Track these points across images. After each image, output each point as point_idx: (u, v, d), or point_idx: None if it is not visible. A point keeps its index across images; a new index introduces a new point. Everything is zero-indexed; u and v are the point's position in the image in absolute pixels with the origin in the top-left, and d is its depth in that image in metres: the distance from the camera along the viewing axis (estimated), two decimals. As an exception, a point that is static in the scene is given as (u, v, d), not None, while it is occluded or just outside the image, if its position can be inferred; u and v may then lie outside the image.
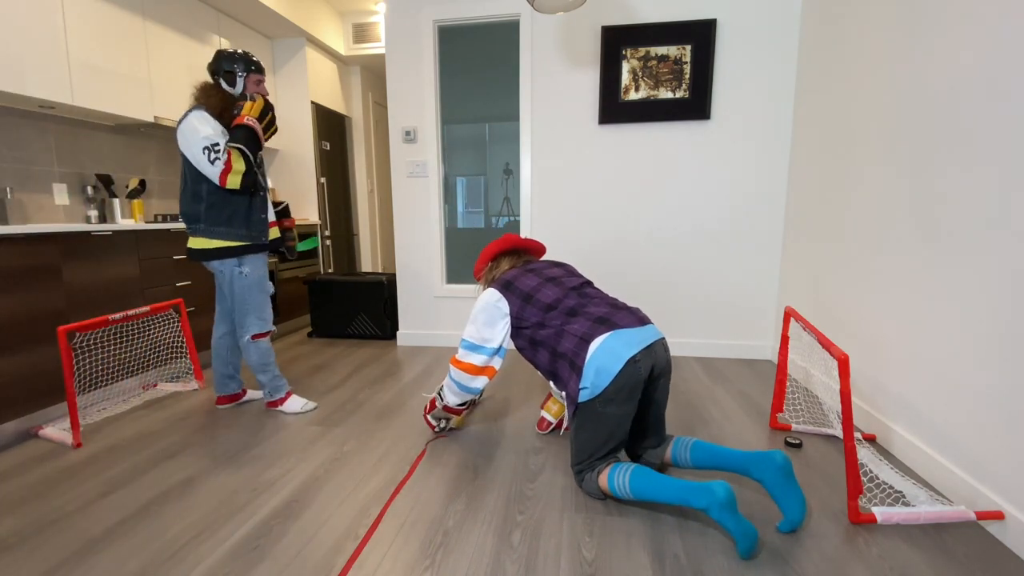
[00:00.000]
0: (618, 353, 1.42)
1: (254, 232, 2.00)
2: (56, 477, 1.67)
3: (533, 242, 1.93)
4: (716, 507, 1.22)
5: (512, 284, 1.70)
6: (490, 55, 3.01)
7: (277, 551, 1.29)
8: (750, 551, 1.22)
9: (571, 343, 1.50)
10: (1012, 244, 1.30)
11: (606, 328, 1.47)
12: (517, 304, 1.65)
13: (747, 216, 2.83)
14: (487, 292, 1.73)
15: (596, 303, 1.59)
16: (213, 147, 1.82)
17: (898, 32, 1.80)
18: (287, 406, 2.17)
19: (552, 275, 1.72)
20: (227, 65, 1.93)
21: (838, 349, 1.39)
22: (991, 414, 1.36)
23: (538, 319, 1.61)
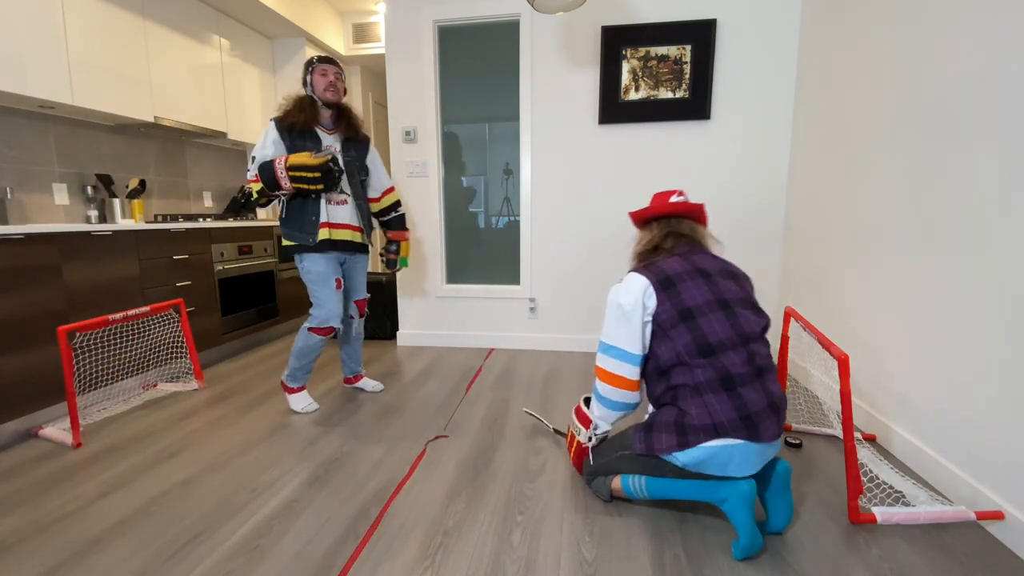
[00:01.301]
0: (735, 468, 1.24)
1: (303, 233, 2.06)
2: (56, 477, 1.67)
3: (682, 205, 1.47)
4: (736, 498, 1.22)
5: (673, 284, 1.33)
6: (490, 55, 3.01)
7: (277, 551, 1.29)
8: (748, 552, 1.22)
9: (699, 415, 1.24)
10: (1012, 244, 1.30)
11: (744, 435, 1.21)
12: (668, 315, 1.31)
13: (747, 216, 2.83)
14: (637, 279, 1.36)
15: (756, 387, 1.24)
16: (252, 158, 2.01)
17: (898, 32, 1.80)
18: (292, 399, 2.20)
19: (727, 294, 1.33)
20: (303, 70, 2.08)
21: (838, 349, 1.39)
22: (991, 414, 1.36)
23: (682, 351, 1.28)
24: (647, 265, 1.40)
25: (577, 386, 2.49)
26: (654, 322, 1.34)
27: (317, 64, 2.05)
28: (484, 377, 2.65)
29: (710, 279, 1.35)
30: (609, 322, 1.40)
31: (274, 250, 3.45)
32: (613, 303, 1.39)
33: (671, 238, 1.46)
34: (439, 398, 2.36)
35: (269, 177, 1.95)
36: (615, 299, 1.39)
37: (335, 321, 2.10)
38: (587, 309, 3.09)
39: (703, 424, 1.23)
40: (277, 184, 1.96)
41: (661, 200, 1.50)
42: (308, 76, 2.06)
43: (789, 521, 1.32)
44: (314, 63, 2.05)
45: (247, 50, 3.63)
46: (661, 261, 1.40)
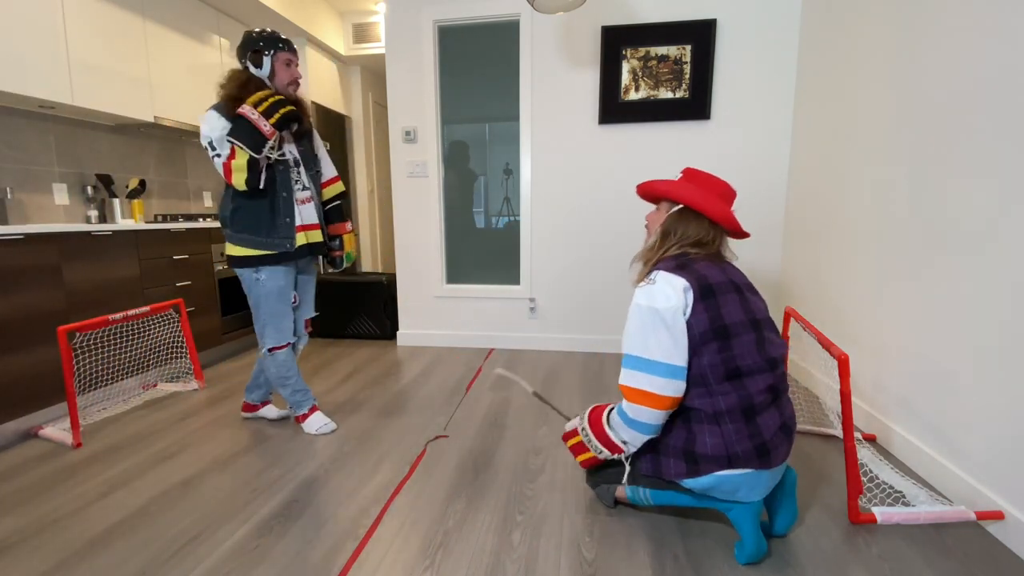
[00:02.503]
0: (746, 494, 1.20)
1: (277, 239, 1.80)
2: (56, 477, 1.67)
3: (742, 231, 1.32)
4: (743, 507, 1.21)
5: (713, 295, 1.19)
6: (490, 55, 3.01)
7: (277, 551, 1.29)
8: (752, 559, 1.21)
9: (713, 445, 1.17)
10: (1012, 244, 1.30)
11: (758, 464, 1.16)
12: (703, 327, 1.17)
13: (747, 216, 2.83)
14: (674, 279, 1.20)
15: (771, 413, 1.19)
16: (210, 144, 1.69)
17: (898, 32, 1.80)
18: (307, 424, 1.98)
19: (757, 314, 1.25)
20: (252, 45, 1.74)
21: (838, 349, 1.39)
22: (991, 414, 1.36)
23: (706, 372, 1.18)
24: (681, 265, 1.23)
25: (577, 386, 2.49)
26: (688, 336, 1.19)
27: (281, 51, 1.76)
28: (484, 377, 2.65)
29: (742, 295, 1.24)
30: (642, 331, 1.20)
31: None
32: (646, 308, 1.20)
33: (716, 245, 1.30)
34: (439, 398, 2.36)
35: (249, 134, 1.65)
36: (649, 304, 1.19)
37: (291, 336, 1.92)
38: (587, 309, 3.09)
39: (716, 455, 1.17)
40: (262, 136, 1.66)
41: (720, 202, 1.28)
42: (265, 60, 1.74)
43: (792, 525, 1.32)
44: (275, 48, 1.75)
45: (250, 48, 3.63)
46: (697, 263, 1.23)
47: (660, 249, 1.31)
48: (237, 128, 1.66)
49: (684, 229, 1.29)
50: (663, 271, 1.22)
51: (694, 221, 1.29)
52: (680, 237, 1.29)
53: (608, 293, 3.05)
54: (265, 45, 1.74)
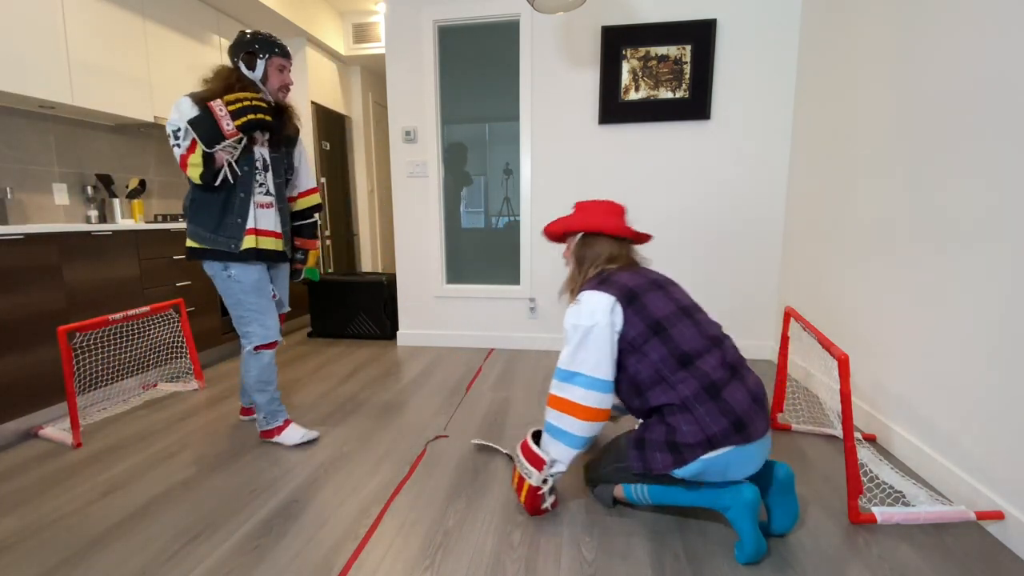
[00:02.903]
0: (738, 470, 1.23)
1: (222, 237, 1.71)
2: (56, 477, 1.67)
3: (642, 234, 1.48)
4: (740, 506, 1.21)
5: (638, 298, 1.29)
6: (490, 55, 3.01)
7: (277, 551, 1.29)
8: (751, 558, 1.21)
9: (691, 432, 1.21)
10: (1012, 244, 1.30)
11: (739, 439, 1.20)
12: (639, 330, 1.27)
13: (747, 216, 2.83)
14: (597, 297, 1.30)
15: (737, 386, 1.24)
16: (175, 132, 1.60)
17: (898, 32, 1.80)
18: (284, 436, 1.87)
19: (683, 301, 1.34)
20: (247, 46, 1.68)
21: (838, 349, 1.39)
22: (991, 414, 1.36)
23: (660, 366, 1.25)
24: (602, 281, 1.34)
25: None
26: (623, 341, 1.29)
27: (275, 56, 1.71)
28: (484, 377, 2.65)
29: (664, 289, 1.35)
30: (571, 347, 1.30)
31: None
32: (576, 327, 1.30)
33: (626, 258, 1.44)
34: (439, 398, 2.36)
35: (207, 128, 1.58)
36: (577, 322, 1.30)
37: (277, 333, 1.84)
38: (587, 309, 3.09)
39: (696, 440, 1.20)
40: (219, 134, 1.59)
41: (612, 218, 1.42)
42: (259, 63, 1.69)
43: (793, 524, 1.31)
44: (271, 52, 1.70)
45: (247, 50, 3.63)
46: (615, 275, 1.35)
47: (580, 274, 1.44)
48: (198, 118, 1.60)
49: (593, 251, 1.43)
50: (587, 291, 1.33)
51: (598, 242, 1.43)
52: (593, 259, 1.42)
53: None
54: (260, 48, 1.69)
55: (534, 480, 1.38)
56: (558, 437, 1.32)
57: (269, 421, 1.88)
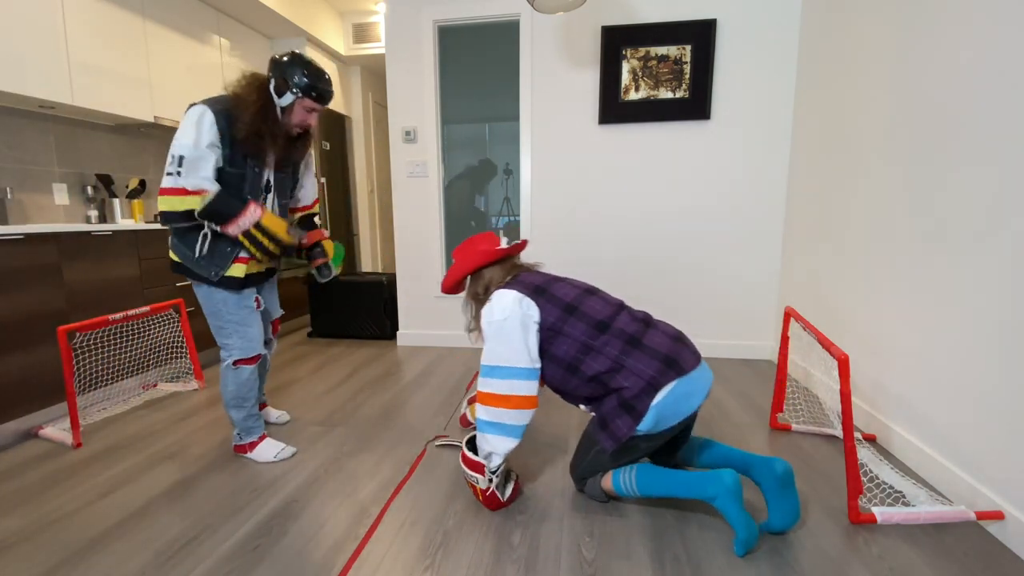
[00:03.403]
0: (687, 403, 1.32)
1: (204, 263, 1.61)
2: (56, 477, 1.67)
3: (516, 245, 1.57)
4: (724, 494, 1.24)
5: (544, 290, 1.41)
6: (490, 55, 3.01)
7: (277, 551, 1.29)
8: (748, 544, 1.22)
9: (634, 384, 1.31)
10: (1012, 244, 1.30)
11: (675, 373, 1.31)
12: (556, 315, 1.37)
13: (747, 216, 2.83)
14: (504, 293, 1.39)
15: (654, 332, 1.37)
16: (180, 159, 1.46)
17: (898, 32, 1.80)
18: (257, 453, 1.76)
19: (584, 285, 1.48)
20: (286, 73, 1.55)
21: (838, 349, 1.39)
22: (991, 414, 1.36)
23: (584, 339, 1.35)
24: (508, 283, 1.44)
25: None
26: (543, 328, 1.38)
27: (308, 99, 1.59)
28: (484, 377, 2.65)
29: (565, 280, 1.48)
30: (491, 344, 1.36)
31: (274, 250, 3.45)
32: (490, 323, 1.37)
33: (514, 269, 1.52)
34: (439, 398, 2.36)
35: (225, 213, 1.52)
36: (492, 319, 1.37)
37: (260, 347, 1.73)
38: (587, 309, 3.09)
39: (641, 388, 1.31)
40: (224, 223, 1.53)
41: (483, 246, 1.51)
42: (288, 95, 1.57)
43: (795, 521, 1.31)
44: (306, 94, 1.58)
45: (247, 50, 3.63)
46: (519, 277, 1.46)
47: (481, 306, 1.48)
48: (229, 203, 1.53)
49: (485, 282, 1.50)
50: (499, 291, 1.41)
51: (484, 274, 1.51)
52: (489, 288, 1.48)
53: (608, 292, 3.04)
54: (297, 84, 1.56)
55: (481, 484, 1.41)
56: (493, 431, 1.36)
57: (243, 436, 1.78)
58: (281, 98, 1.59)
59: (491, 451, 1.37)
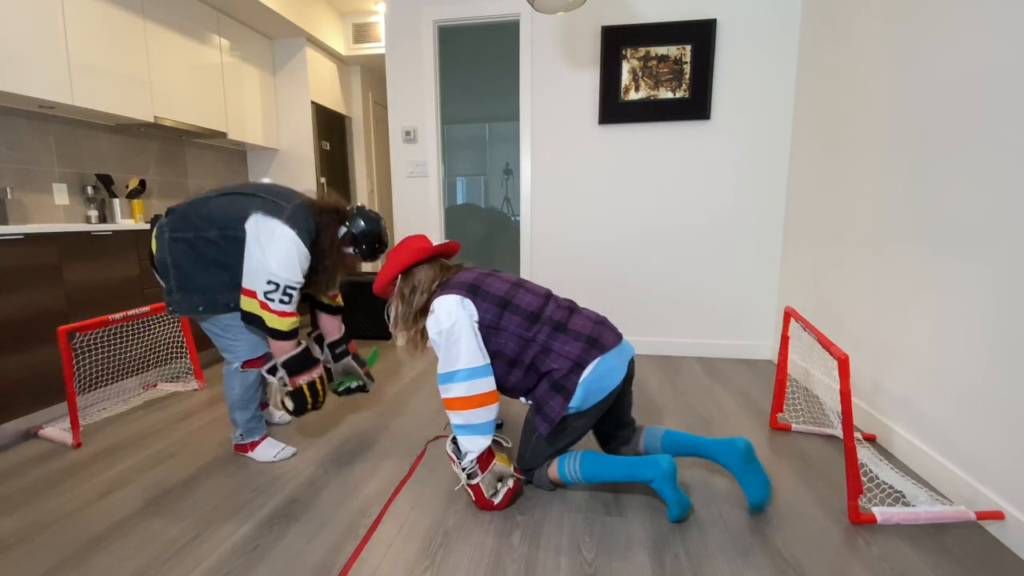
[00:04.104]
0: (611, 377, 1.42)
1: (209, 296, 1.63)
2: (56, 477, 1.67)
3: (448, 243, 1.63)
4: (660, 477, 1.36)
5: (479, 287, 1.46)
6: (490, 55, 3.01)
7: (277, 551, 1.29)
8: (680, 517, 1.36)
9: (562, 365, 1.40)
10: (1012, 244, 1.30)
11: (597, 351, 1.42)
12: (492, 312, 1.44)
13: (747, 216, 2.83)
14: (444, 300, 1.43)
15: (578, 317, 1.48)
16: (287, 288, 1.54)
17: (898, 31, 1.80)
18: (257, 452, 1.77)
19: (512, 279, 1.54)
20: (361, 236, 1.67)
21: (838, 349, 1.39)
22: (991, 414, 1.36)
23: (520, 331, 1.43)
24: (444, 287, 1.48)
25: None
26: (482, 327, 1.44)
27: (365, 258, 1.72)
28: (484, 377, 2.65)
29: (494, 275, 1.53)
30: (443, 351, 1.41)
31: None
32: (439, 332, 1.41)
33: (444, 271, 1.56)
34: (439, 398, 2.36)
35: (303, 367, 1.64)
36: (439, 328, 1.41)
37: (266, 346, 1.71)
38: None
39: (568, 367, 1.40)
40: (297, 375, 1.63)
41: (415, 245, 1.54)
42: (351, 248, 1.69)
43: (767, 494, 1.38)
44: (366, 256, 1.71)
45: (247, 50, 3.63)
46: (451, 279, 1.50)
47: (410, 307, 1.55)
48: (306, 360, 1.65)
49: (412, 283, 1.54)
50: (436, 300, 1.45)
51: (415, 273, 1.55)
52: (415, 290, 1.53)
53: (608, 292, 3.05)
54: (366, 248, 1.70)
55: (463, 479, 1.44)
56: (467, 432, 1.41)
57: (245, 437, 1.78)
58: (344, 248, 1.70)
59: (467, 450, 1.42)
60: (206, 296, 1.62)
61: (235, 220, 1.57)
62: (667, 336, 3.03)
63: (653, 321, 3.03)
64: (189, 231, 1.59)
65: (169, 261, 1.60)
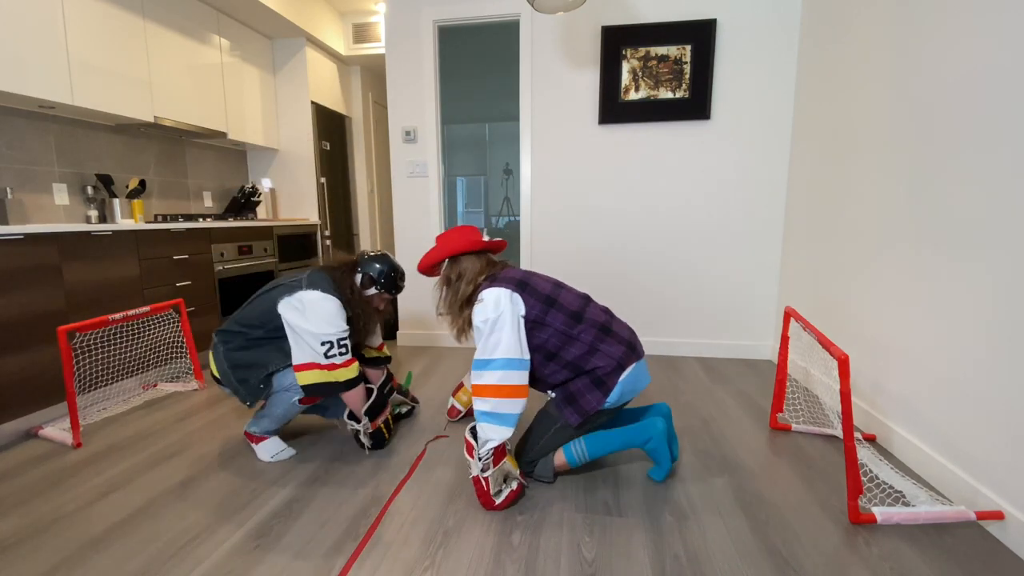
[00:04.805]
0: (641, 382, 1.54)
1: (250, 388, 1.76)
2: (56, 477, 1.67)
3: (497, 241, 1.70)
4: (658, 436, 1.53)
5: (526, 284, 1.52)
6: (490, 55, 3.01)
7: (277, 551, 1.29)
8: (667, 473, 1.58)
9: (607, 364, 1.48)
10: (1012, 244, 1.30)
11: (635, 357, 1.52)
12: (538, 308, 1.49)
13: (747, 216, 2.83)
14: (494, 291, 1.48)
15: (618, 322, 1.57)
16: (339, 341, 1.65)
17: (899, 31, 1.80)
18: (260, 448, 1.80)
19: (552, 279, 1.62)
20: (379, 277, 1.80)
21: (838, 349, 1.39)
22: (991, 414, 1.36)
23: (564, 328, 1.49)
24: (493, 280, 1.53)
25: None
26: (527, 321, 1.49)
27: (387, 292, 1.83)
28: (484, 377, 2.65)
29: (537, 274, 1.60)
30: (484, 338, 1.44)
31: (274, 250, 3.45)
32: (484, 320, 1.44)
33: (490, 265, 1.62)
34: (439, 398, 2.36)
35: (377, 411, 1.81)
36: (487, 316, 1.44)
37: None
38: (587, 309, 3.09)
39: (612, 368, 1.48)
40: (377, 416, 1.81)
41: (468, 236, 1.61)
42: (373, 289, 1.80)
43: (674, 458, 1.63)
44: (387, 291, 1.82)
45: (247, 50, 3.63)
46: (500, 274, 1.56)
47: (455, 293, 1.61)
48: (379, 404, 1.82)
49: (460, 269, 1.60)
50: (485, 290, 1.50)
51: (460, 261, 1.61)
52: (463, 277, 1.59)
53: (608, 292, 3.05)
54: (384, 285, 1.82)
55: (474, 470, 1.46)
56: (488, 420, 1.43)
57: (259, 432, 1.81)
58: (366, 292, 1.82)
59: (487, 439, 1.44)
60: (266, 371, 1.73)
61: (270, 313, 1.72)
62: (667, 336, 3.03)
63: (653, 321, 3.03)
64: (239, 339, 1.75)
65: (227, 366, 1.73)
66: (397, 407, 2.12)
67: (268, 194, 3.90)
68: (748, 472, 1.66)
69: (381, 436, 1.83)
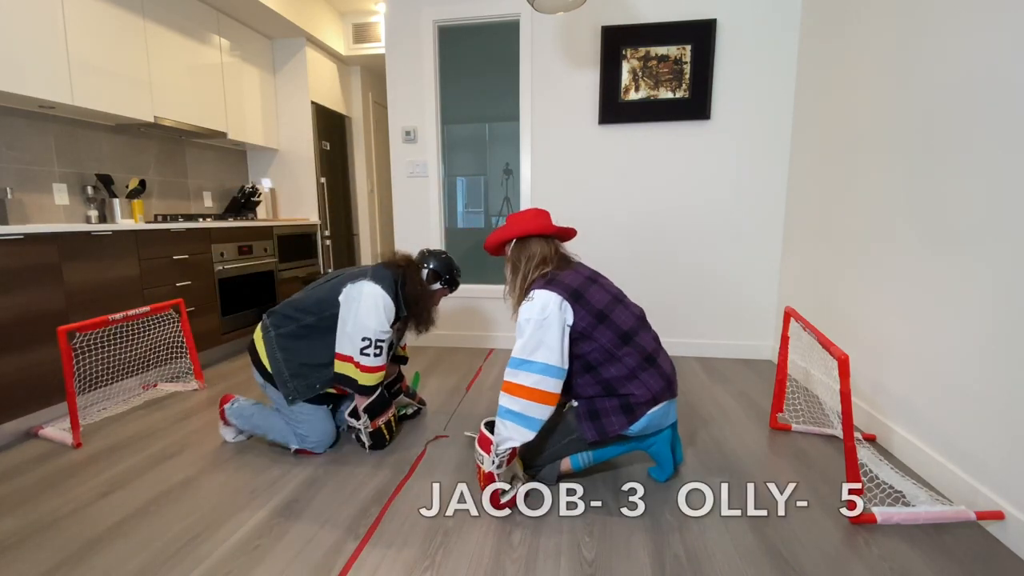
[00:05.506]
0: (666, 420, 1.52)
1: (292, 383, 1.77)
2: (56, 477, 1.67)
3: (567, 228, 1.65)
4: (661, 441, 1.54)
5: (582, 295, 1.46)
6: (490, 55, 3.01)
7: (277, 551, 1.29)
8: (669, 475, 1.59)
9: (643, 394, 1.44)
10: (1012, 243, 1.30)
11: (670, 395, 1.49)
12: (588, 321, 1.44)
13: (747, 216, 2.83)
14: (546, 294, 1.43)
15: (663, 354, 1.53)
16: (377, 341, 1.68)
17: (898, 31, 1.80)
18: (226, 430, 1.92)
19: (613, 290, 1.56)
20: (444, 272, 1.86)
21: (838, 349, 1.39)
22: (991, 414, 1.36)
23: (609, 346, 1.45)
24: (549, 281, 1.48)
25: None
26: (574, 331, 1.44)
27: (450, 290, 1.90)
28: (484, 377, 2.65)
29: (597, 282, 1.53)
30: (525, 338, 1.41)
31: (274, 250, 3.45)
32: (528, 320, 1.42)
33: (557, 254, 1.58)
34: (439, 398, 2.36)
35: (377, 410, 1.80)
36: (530, 316, 1.42)
37: (323, 447, 1.81)
38: (587, 309, 3.09)
39: (646, 399, 1.45)
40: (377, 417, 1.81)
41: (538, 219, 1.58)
42: (436, 285, 1.85)
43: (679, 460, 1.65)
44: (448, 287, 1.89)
45: (247, 50, 3.63)
46: (559, 275, 1.49)
47: (520, 278, 1.56)
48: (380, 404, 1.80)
49: (526, 253, 1.56)
50: (537, 289, 1.46)
51: (529, 244, 1.57)
52: (528, 261, 1.55)
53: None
54: (448, 281, 1.88)
55: (486, 465, 1.44)
56: (514, 420, 1.40)
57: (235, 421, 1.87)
58: (427, 283, 1.85)
59: (507, 437, 1.42)
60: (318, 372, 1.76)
61: (328, 301, 1.74)
62: (667, 336, 3.03)
63: (653, 320, 2.99)
64: (291, 324, 1.76)
65: (280, 356, 1.75)
66: (403, 408, 2.11)
67: (268, 194, 3.90)
68: (748, 472, 1.66)
69: (381, 436, 1.83)
